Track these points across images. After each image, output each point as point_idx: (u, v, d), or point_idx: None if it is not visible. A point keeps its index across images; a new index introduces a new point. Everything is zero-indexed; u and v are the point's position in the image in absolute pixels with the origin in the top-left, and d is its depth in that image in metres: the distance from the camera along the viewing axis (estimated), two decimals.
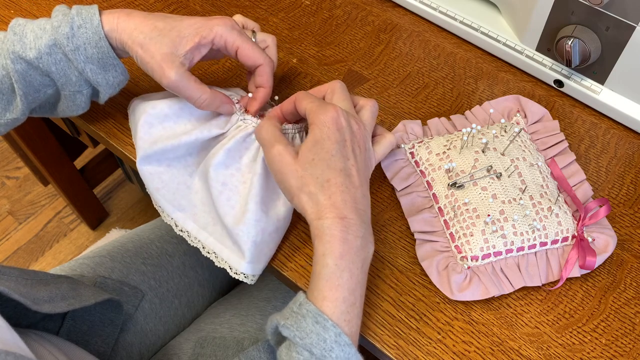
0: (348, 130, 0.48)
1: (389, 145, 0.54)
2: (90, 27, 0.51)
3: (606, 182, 0.61)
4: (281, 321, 0.45)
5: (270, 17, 0.75)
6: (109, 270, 0.72)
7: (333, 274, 0.45)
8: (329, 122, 0.47)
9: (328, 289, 0.45)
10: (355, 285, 0.45)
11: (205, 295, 0.79)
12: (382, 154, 0.54)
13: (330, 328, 0.43)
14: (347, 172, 0.47)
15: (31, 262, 1.45)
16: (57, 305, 0.56)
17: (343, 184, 0.46)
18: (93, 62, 0.52)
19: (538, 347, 0.51)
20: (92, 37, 0.51)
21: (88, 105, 0.57)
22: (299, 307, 0.45)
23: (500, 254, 0.53)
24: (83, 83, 0.54)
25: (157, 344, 0.73)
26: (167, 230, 0.80)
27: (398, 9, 0.76)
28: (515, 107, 0.63)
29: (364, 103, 0.53)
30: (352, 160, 0.48)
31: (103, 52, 0.52)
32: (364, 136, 0.50)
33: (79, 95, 0.55)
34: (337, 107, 0.48)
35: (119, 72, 0.54)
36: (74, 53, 0.51)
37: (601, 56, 0.61)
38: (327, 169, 0.46)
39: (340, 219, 0.46)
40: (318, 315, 0.43)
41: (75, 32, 0.51)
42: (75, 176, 1.34)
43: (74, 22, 0.51)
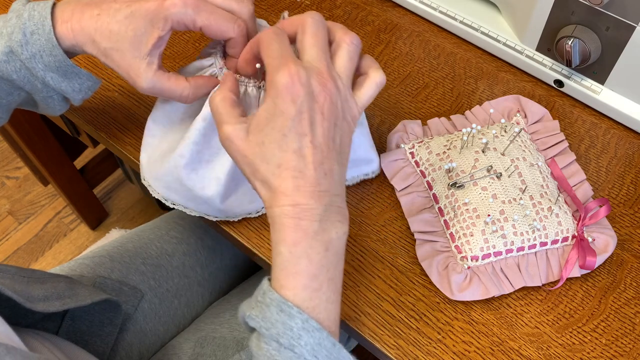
0: (307, 98, 0.41)
1: (375, 87, 0.46)
2: (42, 33, 0.47)
3: (606, 182, 0.61)
4: (247, 311, 0.43)
5: (270, 17, 0.75)
6: (108, 270, 0.72)
7: (289, 262, 0.42)
8: (283, 92, 0.41)
9: (284, 277, 0.42)
10: (317, 271, 0.42)
11: (205, 295, 0.79)
12: (368, 99, 0.46)
13: (295, 315, 0.41)
14: (302, 152, 0.42)
15: (31, 262, 1.45)
16: (52, 304, 0.55)
17: (296, 167, 0.42)
18: (53, 70, 0.48)
19: (538, 347, 0.51)
20: (45, 45, 0.47)
21: (66, 106, 0.54)
22: (263, 295, 0.43)
23: (500, 254, 0.53)
24: (50, 90, 0.50)
25: (156, 343, 0.73)
26: (166, 230, 0.80)
27: (398, 9, 0.76)
28: (515, 107, 0.63)
29: (340, 39, 0.45)
30: (309, 136, 0.42)
31: (59, 60, 0.48)
32: (332, 95, 0.43)
33: (50, 100, 0.51)
34: (292, 70, 0.41)
35: (83, 78, 0.51)
36: (31, 61, 0.47)
37: (601, 56, 0.61)
38: (279, 151, 0.42)
39: (292, 206, 0.42)
40: (282, 303, 0.41)
41: (28, 39, 0.47)
42: (75, 176, 1.34)
43: (27, 27, 0.46)
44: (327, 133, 0.43)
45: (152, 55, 0.47)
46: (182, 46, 0.71)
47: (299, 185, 0.42)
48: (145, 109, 0.66)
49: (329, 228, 0.43)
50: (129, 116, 0.65)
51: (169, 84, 0.48)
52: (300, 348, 0.41)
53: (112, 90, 0.67)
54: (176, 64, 0.69)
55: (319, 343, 0.41)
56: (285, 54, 0.42)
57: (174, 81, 0.48)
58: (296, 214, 0.42)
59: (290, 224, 0.42)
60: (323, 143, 0.42)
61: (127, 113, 0.65)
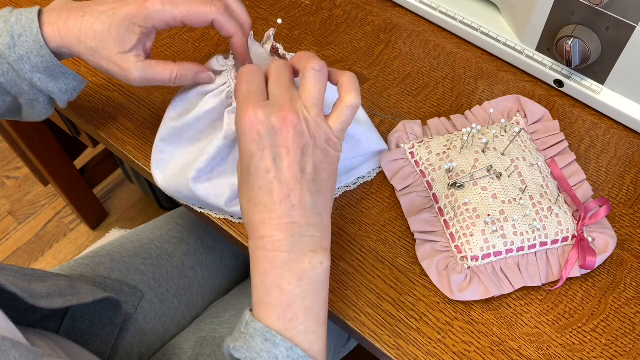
0: (268, 135, 0.42)
1: (348, 111, 0.45)
2: (30, 35, 0.48)
3: (606, 182, 0.61)
4: (231, 344, 0.43)
5: (270, 17, 0.75)
6: (108, 270, 0.72)
7: (261, 293, 0.43)
8: (245, 132, 0.43)
9: (259, 307, 0.43)
10: (291, 301, 0.43)
11: (205, 295, 0.79)
12: (342, 124, 0.45)
13: (280, 344, 0.42)
14: (267, 188, 0.43)
15: (31, 262, 1.45)
16: (55, 301, 0.56)
17: (261, 203, 0.43)
18: (40, 71, 0.50)
19: (538, 347, 0.51)
20: (33, 46, 0.48)
21: (50, 110, 0.56)
22: (246, 326, 0.43)
23: (501, 254, 0.53)
24: (36, 92, 0.52)
25: (156, 344, 0.73)
26: (166, 230, 0.80)
27: (398, 9, 0.76)
28: (515, 107, 0.63)
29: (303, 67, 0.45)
30: (273, 171, 0.43)
31: (46, 60, 0.49)
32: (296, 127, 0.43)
33: (36, 102, 0.53)
34: (249, 112, 0.43)
35: (69, 78, 0.52)
36: (18, 63, 0.49)
37: (601, 56, 0.61)
38: (247, 189, 0.44)
39: (259, 239, 0.44)
40: (266, 332, 0.42)
41: (16, 42, 0.48)
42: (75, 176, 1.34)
43: (14, 30, 0.48)
44: (294, 164, 0.43)
45: (137, 49, 0.49)
46: (182, 46, 0.71)
47: (265, 219, 0.43)
48: (145, 108, 0.66)
49: (300, 258, 0.44)
50: (129, 116, 0.65)
51: (158, 68, 0.50)
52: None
53: (112, 90, 0.67)
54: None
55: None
56: (249, 95, 0.44)
57: (163, 65, 0.50)
58: (264, 246, 0.43)
59: (259, 256, 0.44)
60: (289, 176, 0.43)
61: (127, 113, 0.65)
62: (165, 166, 0.57)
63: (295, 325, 0.43)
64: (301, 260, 0.44)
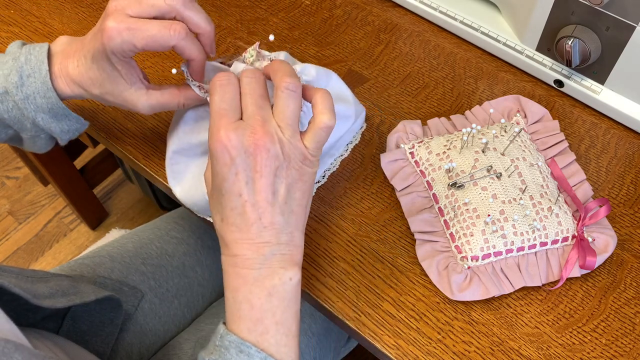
0: (240, 158, 0.42)
1: (321, 132, 0.45)
2: (38, 77, 0.49)
3: (606, 182, 0.61)
4: (205, 357, 0.44)
5: (270, 17, 0.75)
6: (108, 271, 0.72)
7: (233, 306, 0.44)
8: (217, 155, 0.43)
9: (232, 321, 0.44)
10: (261, 315, 0.44)
11: (205, 295, 0.79)
12: (317, 144, 0.45)
13: (254, 354, 0.42)
14: (239, 210, 0.43)
15: (31, 262, 1.45)
16: (58, 301, 0.56)
17: (234, 224, 0.44)
18: (44, 112, 0.51)
19: (538, 347, 0.51)
20: (40, 88, 0.50)
21: (51, 145, 0.57)
22: (221, 339, 0.44)
23: (501, 254, 0.53)
24: (38, 129, 0.53)
25: (156, 344, 0.73)
26: (166, 230, 0.80)
27: (398, 9, 0.76)
28: (515, 107, 0.63)
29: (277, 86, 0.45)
30: (245, 194, 0.43)
31: (52, 102, 0.50)
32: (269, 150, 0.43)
33: (38, 139, 0.54)
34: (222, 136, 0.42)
35: (72, 121, 0.53)
36: (24, 102, 0.50)
37: (601, 56, 0.61)
38: (220, 207, 0.44)
39: (231, 257, 0.45)
40: (241, 344, 0.43)
41: (24, 82, 0.49)
42: (75, 176, 1.34)
43: (23, 70, 0.49)
44: (265, 188, 0.43)
45: (132, 82, 0.49)
46: None
47: (237, 238, 0.44)
48: None
49: (270, 275, 0.44)
50: (129, 116, 0.65)
51: (163, 99, 0.51)
52: None
53: None
54: (175, 64, 0.69)
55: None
56: (220, 112, 0.43)
57: (167, 96, 0.51)
58: (235, 263, 0.44)
59: (231, 272, 0.45)
60: (261, 199, 0.43)
61: (127, 113, 0.65)
62: (181, 177, 0.56)
63: (266, 338, 0.44)
64: (271, 276, 0.44)
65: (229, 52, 0.70)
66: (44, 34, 0.72)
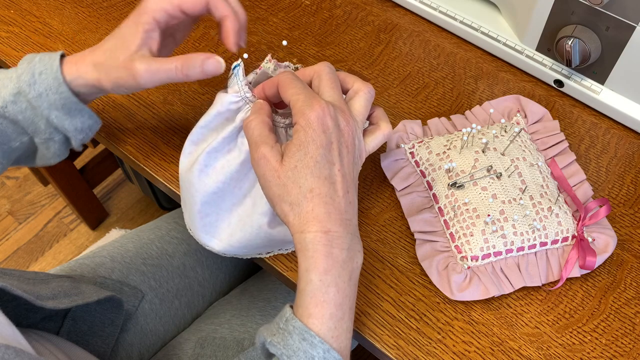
0: (335, 130, 0.44)
1: (382, 138, 0.49)
2: (50, 72, 0.50)
3: (606, 182, 0.61)
4: (268, 338, 0.43)
5: (270, 17, 0.75)
6: (108, 271, 0.72)
7: (318, 290, 0.43)
8: (314, 122, 0.43)
9: (313, 305, 0.43)
10: (342, 300, 0.44)
11: (205, 295, 0.79)
12: (374, 147, 0.49)
13: (317, 345, 0.42)
14: (332, 179, 0.44)
15: (31, 262, 1.45)
16: (61, 302, 0.56)
17: (327, 194, 0.43)
18: (57, 109, 0.51)
19: (538, 347, 0.51)
20: (52, 83, 0.50)
21: (64, 153, 0.56)
22: (286, 323, 0.43)
23: (500, 254, 0.53)
24: (52, 130, 0.53)
25: (157, 344, 0.73)
26: (167, 230, 0.80)
27: (398, 9, 0.76)
28: (515, 107, 0.63)
29: (358, 88, 0.48)
30: (338, 164, 0.44)
31: (65, 97, 0.51)
32: (354, 132, 0.46)
33: (52, 142, 0.54)
34: (322, 104, 0.44)
35: (85, 117, 0.53)
36: (37, 100, 0.50)
37: (601, 56, 0.61)
38: (311, 176, 0.43)
39: (324, 232, 0.43)
40: (305, 332, 0.42)
41: (36, 79, 0.50)
42: (75, 176, 1.34)
43: (36, 68, 0.50)
44: (351, 165, 0.46)
45: (142, 50, 0.49)
46: (182, 46, 0.71)
47: (330, 211, 0.43)
48: (145, 109, 0.66)
49: (352, 257, 0.45)
50: (129, 116, 0.65)
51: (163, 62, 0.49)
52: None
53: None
54: None
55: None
56: (311, 92, 0.45)
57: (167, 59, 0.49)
58: (328, 241, 0.43)
59: (322, 251, 0.43)
60: (348, 173, 0.45)
61: (127, 113, 0.65)
62: (216, 229, 0.52)
63: (342, 324, 0.44)
64: (352, 259, 0.45)
65: (229, 52, 0.70)
66: (44, 34, 0.72)
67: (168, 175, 0.61)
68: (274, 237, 0.51)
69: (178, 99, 0.66)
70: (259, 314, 0.73)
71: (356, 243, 0.45)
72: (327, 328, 0.43)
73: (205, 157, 0.50)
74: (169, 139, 0.63)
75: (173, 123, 0.65)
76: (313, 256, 0.43)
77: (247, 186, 0.51)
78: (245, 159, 0.50)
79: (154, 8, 0.48)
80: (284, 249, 0.56)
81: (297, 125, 0.44)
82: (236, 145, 0.50)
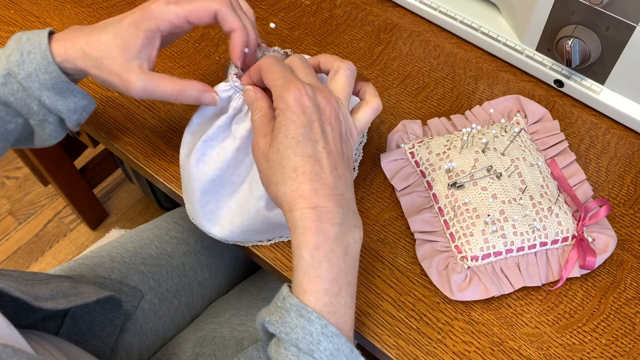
0: (314, 109, 0.44)
1: (372, 112, 0.49)
2: (38, 51, 0.49)
3: (606, 182, 0.61)
4: (266, 317, 0.43)
5: (270, 17, 0.75)
6: (108, 271, 0.72)
7: (310, 266, 0.43)
8: (292, 104, 0.44)
9: (307, 281, 0.43)
10: (337, 275, 0.43)
11: (204, 295, 0.79)
12: (365, 123, 0.49)
13: (315, 320, 0.42)
14: (317, 157, 0.44)
15: (31, 262, 1.45)
16: (59, 302, 0.56)
17: (312, 171, 0.43)
18: (48, 89, 0.50)
19: (538, 347, 0.51)
20: (41, 62, 0.49)
21: (61, 134, 0.55)
22: (283, 301, 0.43)
23: (500, 254, 0.53)
24: (46, 111, 0.52)
25: (156, 343, 0.73)
26: (166, 230, 0.80)
27: (398, 9, 0.76)
28: (515, 107, 0.63)
29: (338, 66, 0.48)
30: (322, 142, 0.44)
31: (55, 77, 0.49)
32: (335, 109, 0.46)
33: (46, 124, 0.53)
34: (298, 85, 0.44)
35: (78, 97, 0.52)
36: (27, 80, 0.49)
37: (601, 56, 0.61)
38: (293, 156, 0.43)
39: (312, 208, 0.43)
40: (302, 309, 0.42)
41: (25, 59, 0.49)
42: (75, 176, 1.34)
43: (24, 48, 0.49)
44: (337, 142, 0.45)
45: (141, 58, 0.49)
46: (182, 46, 0.71)
47: (317, 187, 0.43)
48: (145, 108, 0.66)
49: (346, 232, 0.44)
50: (129, 116, 0.65)
51: (161, 81, 0.49)
52: (320, 353, 0.41)
53: (112, 90, 0.67)
54: (176, 64, 0.69)
55: (338, 348, 0.42)
56: (289, 75, 0.45)
57: (167, 80, 0.49)
58: (317, 216, 0.43)
59: (312, 227, 0.43)
60: (334, 150, 0.45)
61: (127, 113, 0.65)
62: (217, 217, 0.54)
63: (338, 299, 0.44)
64: (346, 234, 0.44)
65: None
66: None
67: (168, 175, 0.61)
68: (271, 220, 0.51)
69: None
70: None
71: (350, 218, 0.45)
72: (322, 304, 0.43)
73: (201, 145, 0.51)
74: (169, 139, 0.63)
75: (173, 123, 0.65)
76: (302, 233, 0.43)
77: (244, 172, 0.52)
78: (239, 145, 0.50)
79: (160, 17, 0.48)
80: (284, 237, 0.56)
81: (277, 110, 0.45)
82: (230, 133, 0.51)
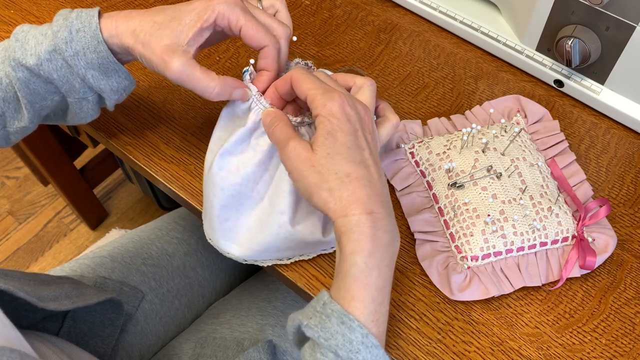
0: (357, 117, 0.45)
1: (392, 128, 0.51)
2: (88, 30, 0.48)
3: (606, 182, 0.61)
4: (304, 321, 0.43)
5: None
6: (109, 271, 0.72)
7: (362, 273, 0.42)
8: (338, 112, 0.44)
9: (356, 288, 0.42)
10: (383, 283, 0.43)
11: (205, 295, 0.79)
12: (386, 137, 0.50)
13: (356, 329, 0.41)
14: (365, 163, 0.44)
15: (31, 262, 1.45)
16: (62, 303, 0.56)
17: (364, 177, 0.44)
18: (94, 68, 0.50)
19: (538, 347, 0.51)
20: (90, 42, 0.48)
21: (97, 112, 0.55)
22: (323, 306, 0.43)
23: (500, 254, 0.53)
24: (87, 90, 0.51)
25: (157, 344, 0.73)
26: (167, 230, 0.80)
27: (398, 9, 0.76)
28: (515, 107, 0.63)
29: (362, 83, 0.50)
30: (367, 150, 0.45)
31: (102, 56, 0.49)
32: (371, 119, 0.47)
33: (85, 102, 0.53)
34: (341, 95, 0.44)
35: (122, 77, 0.52)
36: (74, 59, 0.49)
37: (601, 56, 0.61)
38: (345, 162, 0.43)
39: (368, 214, 0.43)
40: (344, 315, 0.42)
41: (73, 37, 0.48)
42: (75, 176, 1.34)
43: (73, 25, 0.48)
44: (376, 151, 0.47)
45: (190, 45, 0.48)
46: None
47: (369, 193, 0.44)
48: (145, 108, 0.66)
49: (394, 241, 0.45)
50: (129, 116, 0.65)
51: (200, 73, 0.47)
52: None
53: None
54: None
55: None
56: (326, 85, 0.46)
57: (206, 72, 0.48)
58: (373, 222, 0.43)
59: (368, 234, 0.43)
60: (376, 157, 0.46)
61: (127, 113, 0.65)
62: (235, 234, 0.52)
63: (381, 308, 0.44)
64: (394, 243, 0.45)
65: (229, 52, 0.70)
66: None
67: (168, 175, 0.61)
68: (295, 236, 0.50)
69: (178, 99, 0.66)
70: (259, 314, 0.73)
71: (395, 227, 0.45)
72: (368, 312, 0.43)
73: (218, 159, 0.50)
74: (169, 139, 0.63)
75: (173, 123, 0.65)
76: (358, 239, 0.43)
77: (264, 188, 0.51)
78: (260, 159, 0.50)
79: (222, 13, 0.47)
80: (305, 255, 0.55)
81: (320, 117, 0.44)
82: (250, 146, 0.50)
